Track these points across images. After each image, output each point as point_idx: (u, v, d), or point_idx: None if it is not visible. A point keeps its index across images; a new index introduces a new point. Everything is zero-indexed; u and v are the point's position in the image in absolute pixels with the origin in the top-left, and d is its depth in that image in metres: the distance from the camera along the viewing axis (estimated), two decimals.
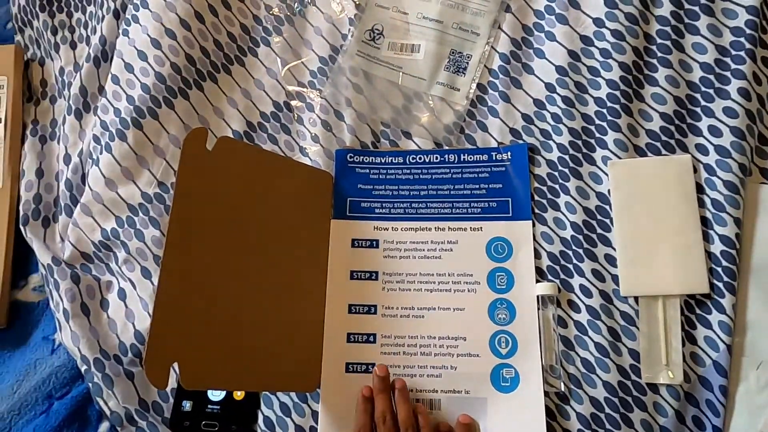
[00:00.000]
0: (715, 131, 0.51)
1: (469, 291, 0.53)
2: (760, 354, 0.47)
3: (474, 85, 0.58)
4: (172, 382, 0.54)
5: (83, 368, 0.53)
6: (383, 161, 0.58)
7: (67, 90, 0.67)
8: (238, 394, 0.53)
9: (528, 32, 0.59)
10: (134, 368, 0.54)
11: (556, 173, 0.55)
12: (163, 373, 0.42)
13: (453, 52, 0.60)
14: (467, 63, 0.59)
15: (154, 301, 0.42)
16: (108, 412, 0.52)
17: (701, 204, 0.51)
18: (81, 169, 0.61)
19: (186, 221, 0.46)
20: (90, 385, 0.53)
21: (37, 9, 0.70)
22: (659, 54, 0.54)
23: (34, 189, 0.62)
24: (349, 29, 0.63)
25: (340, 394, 0.51)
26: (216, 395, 0.53)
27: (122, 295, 0.56)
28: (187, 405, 0.53)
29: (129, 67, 0.60)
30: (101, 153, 0.59)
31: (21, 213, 0.61)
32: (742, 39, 0.52)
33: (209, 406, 0.53)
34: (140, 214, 0.57)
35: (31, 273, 0.60)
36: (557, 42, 0.58)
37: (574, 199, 0.54)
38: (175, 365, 0.42)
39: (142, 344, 0.54)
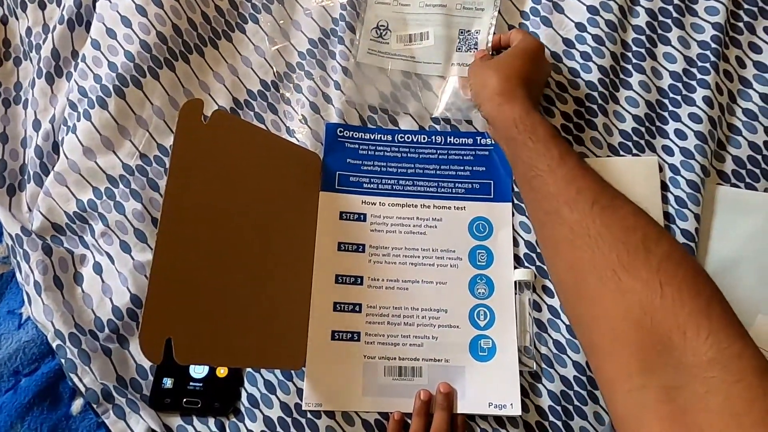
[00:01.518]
0: (680, 134, 0.56)
1: (451, 266, 0.55)
2: None
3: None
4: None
5: (55, 344, 0.51)
6: (372, 137, 0.60)
7: (35, 52, 0.63)
8: (221, 371, 0.53)
9: None
10: (111, 344, 0.52)
11: None
12: (158, 347, 0.41)
13: (462, 32, 0.61)
14: (476, 39, 0.61)
15: (150, 276, 0.41)
16: (83, 389, 0.50)
17: (665, 200, 0.55)
18: (53, 136, 0.58)
19: (181, 195, 0.45)
20: (63, 361, 0.50)
21: None
22: (634, 60, 0.59)
23: None
24: (341, 14, 0.63)
25: (326, 361, 0.52)
26: (198, 372, 0.52)
27: (98, 269, 0.54)
28: (168, 382, 0.52)
29: (111, 33, 0.58)
30: (78, 120, 0.56)
31: None
32: (707, 52, 0.57)
33: (191, 383, 0.52)
34: (120, 186, 0.55)
35: None
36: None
37: None
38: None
39: (120, 320, 0.52)
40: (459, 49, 0.61)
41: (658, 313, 0.32)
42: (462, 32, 0.61)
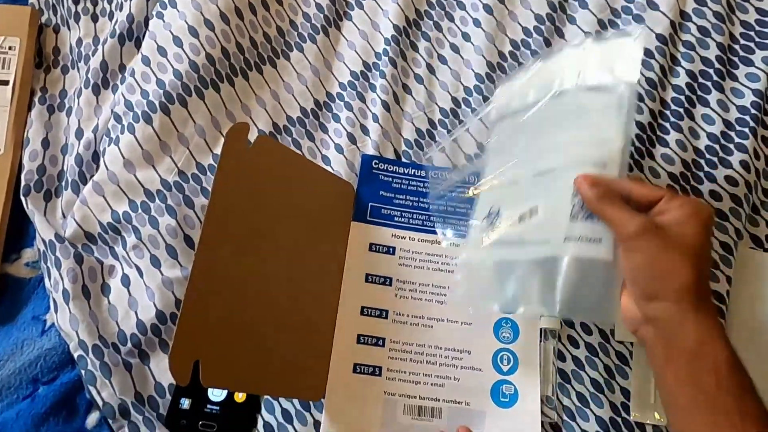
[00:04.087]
0: (715, 195, 0.56)
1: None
2: None
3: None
4: (170, 378, 0.52)
5: (77, 354, 0.50)
6: (406, 172, 0.60)
7: (83, 62, 0.64)
8: (240, 396, 0.52)
9: None
10: (132, 359, 0.52)
11: None
12: (186, 369, 0.40)
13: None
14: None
15: (185, 296, 0.41)
16: (100, 403, 0.49)
17: None
18: (94, 146, 0.59)
19: (221, 217, 0.45)
20: (83, 372, 0.50)
21: None
22: (672, 119, 0.59)
23: (39, 159, 0.59)
24: (384, 49, 0.64)
25: (346, 394, 0.52)
26: (216, 395, 0.52)
27: (126, 281, 0.54)
28: (186, 403, 0.51)
29: (162, 51, 0.59)
30: (122, 133, 0.57)
31: (23, 183, 0.58)
32: (746, 117, 0.58)
33: (209, 406, 0.51)
34: (157, 201, 0.56)
35: (25, 247, 0.57)
36: None
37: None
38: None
39: (144, 335, 0.52)
40: (575, 217, 0.40)
41: None
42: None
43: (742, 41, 0.61)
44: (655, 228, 0.36)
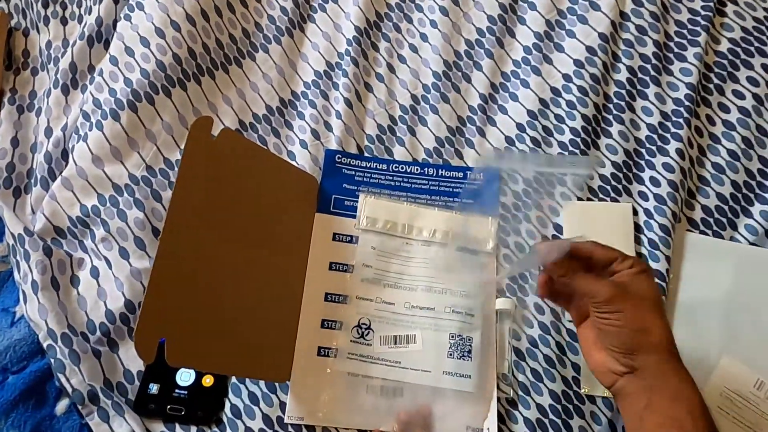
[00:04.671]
0: (654, 182, 0.60)
1: (438, 292, 0.58)
2: None
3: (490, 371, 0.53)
4: (139, 365, 0.54)
5: (46, 343, 0.52)
6: (368, 166, 0.63)
7: (53, 64, 0.66)
8: (207, 381, 0.54)
9: (505, 78, 0.67)
10: (101, 347, 0.53)
11: (520, 203, 0.62)
12: (151, 347, 0.42)
13: (453, 336, 0.55)
14: (470, 345, 0.55)
15: (149, 277, 0.43)
16: (70, 390, 0.50)
17: (639, 242, 0.59)
18: (63, 144, 0.61)
19: (186, 204, 0.47)
20: (52, 360, 0.51)
21: None
22: (615, 112, 0.63)
23: (8, 157, 0.61)
24: (346, 49, 0.67)
25: (311, 375, 0.54)
26: (184, 380, 0.53)
27: (95, 273, 0.56)
28: (154, 388, 0.53)
29: (129, 51, 0.61)
30: (90, 129, 0.59)
31: None
32: (681, 108, 0.62)
33: (176, 391, 0.53)
34: (125, 195, 0.57)
35: None
36: (530, 89, 0.65)
37: (535, 227, 0.60)
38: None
39: (113, 324, 0.54)
40: (451, 355, 0.54)
41: None
42: (453, 336, 0.55)
43: (676, 39, 0.65)
44: (624, 290, 0.41)
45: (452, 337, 0.55)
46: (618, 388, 0.42)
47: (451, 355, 0.54)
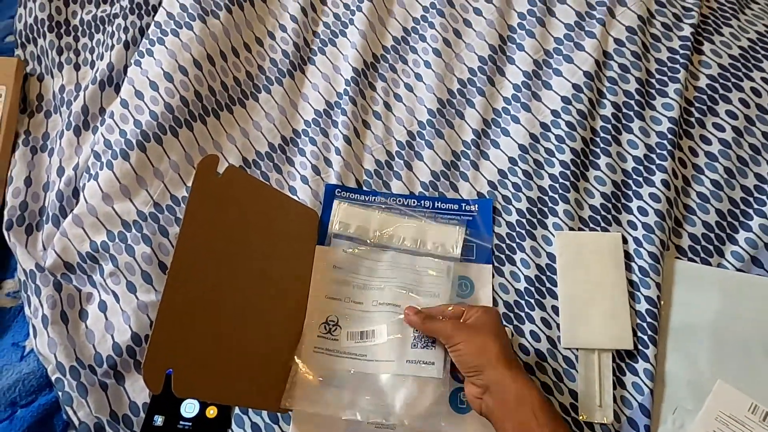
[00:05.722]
0: (642, 211, 0.63)
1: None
2: (676, 401, 0.56)
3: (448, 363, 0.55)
4: (144, 397, 0.55)
5: (55, 376, 0.53)
6: (367, 199, 0.65)
7: (65, 107, 0.70)
8: (211, 412, 0.55)
9: (496, 114, 0.70)
10: (108, 380, 0.54)
11: (514, 233, 0.64)
12: (159, 378, 0.44)
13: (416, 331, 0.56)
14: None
15: (158, 309, 0.45)
16: (77, 422, 0.52)
17: (630, 269, 0.61)
18: (74, 182, 0.63)
19: (193, 239, 0.50)
20: (60, 393, 0.53)
21: (45, 29, 0.74)
22: (602, 145, 0.66)
23: (21, 196, 0.63)
24: (345, 89, 0.71)
25: (313, 405, 0.54)
26: (189, 411, 0.54)
27: (103, 307, 0.58)
28: (159, 420, 0.53)
29: (139, 94, 0.65)
30: (101, 169, 0.62)
31: (6, 218, 0.61)
32: (665, 141, 0.65)
33: (181, 422, 0.54)
34: (133, 231, 0.60)
35: (6, 278, 0.60)
36: (521, 124, 0.68)
37: (529, 257, 0.62)
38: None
39: (119, 356, 0.55)
40: (414, 346, 0.56)
41: None
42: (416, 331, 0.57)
43: (657, 76, 0.69)
44: (462, 325, 0.52)
45: (417, 330, 0.56)
46: (485, 410, 0.49)
47: (414, 345, 0.56)
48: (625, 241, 0.62)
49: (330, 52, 0.74)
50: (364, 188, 0.67)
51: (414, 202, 0.66)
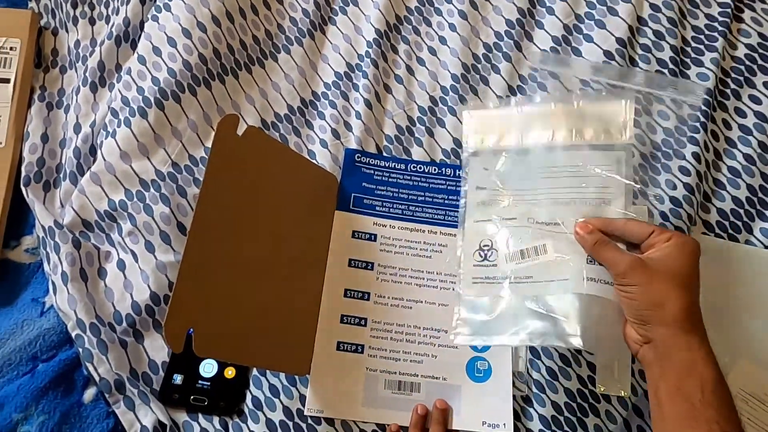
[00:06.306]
0: (670, 185, 0.61)
1: (453, 290, 0.59)
2: None
3: None
4: (163, 356, 0.55)
5: (75, 333, 0.53)
6: (387, 165, 0.64)
7: (81, 63, 0.68)
8: (229, 372, 0.55)
9: (522, 81, 0.68)
10: (127, 338, 0.55)
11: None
12: (180, 337, 0.44)
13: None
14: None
15: (179, 269, 0.44)
16: (97, 378, 0.52)
17: None
18: (91, 140, 0.62)
19: (212, 200, 0.49)
20: (80, 350, 0.53)
21: None
22: None
23: (38, 152, 0.62)
24: (366, 51, 0.69)
25: (330, 369, 0.55)
26: (207, 371, 0.55)
27: (122, 265, 0.57)
28: (178, 378, 0.54)
29: (157, 51, 0.63)
30: (119, 126, 0.60)
31: (23, 174, 0.61)
32: (698, 113, 0.63)
33: (200, 382, 0.54)
34: (151, 190, 0.59)
35: (24, 234, 0.60)
36: (547, 92, 0.66)
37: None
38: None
39: (138, 315, 0.55)
40: (591, 261, 0.45)
41: None
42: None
43: (693, 44, 0.66)
44: (642, 264, 0.42)
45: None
46: (640, 356, 0.43)
47: (591, 261, 0.45)
48: (650, 214, 0.61)
49: (351, 11, 0.72)
50: (385, 154, 0.65)
51: (435, 170, 0.64)
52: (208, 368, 0.55)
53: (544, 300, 0.45)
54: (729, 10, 0.66)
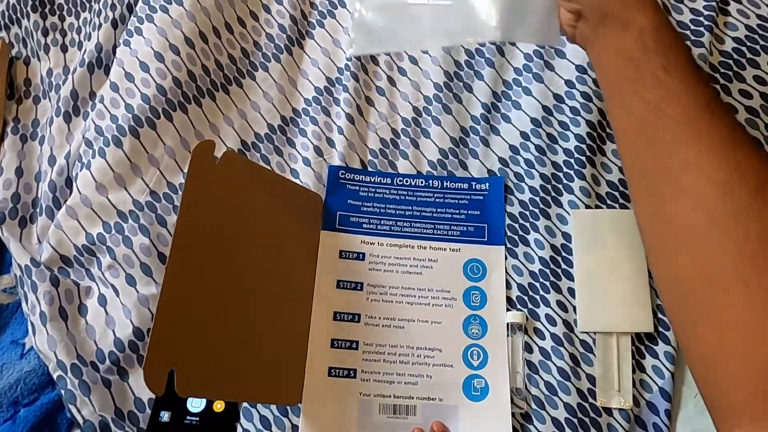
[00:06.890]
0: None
1: (446, 306, 0.57)
2: None
3: None
4: (149, 393, 0.54)
5: (56, 374, 0.52)
6: (372, 180, 0.63)
7: (54, 92, 0.66)
8: (218, 406, 0.53)
9: (507, 86, 0.66)
10: (111, 376, 0.53)
11: (527, 212, 0.61)
12: (161, 379, 0.42)
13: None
14: None
15: (157, 307, 0.43)
16: (81, 421, 0.50)
17: None
18: (66, 172, 0.61)
19: (191, 230, 0.47)
20: (63, 392, 0.51)
21: (29, 9, 0.70)
22: None
23: (13, 188, 0.61)
24: (346, 64, 0.67)
25: (322, 397, 0.54)
26: (195, 406, 0.53)
27: (103, 301, 0.56)
28: (165, 416, 0.52)
29: (129, 77, 0.61)
30: (93, 157, 0.59)
31: None
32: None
33: (188, 417, 0.52)
34: (130, 221, 0.57)
35: (2, 274, 0.58)
36: (533, 96, 0.65)
37: (543, 237, 0.60)
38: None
39: (122, 352, 0.54)
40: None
41: None
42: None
43: None
44: None
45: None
46: (579, 39, 0.40)
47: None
48: None
49: (329, 24, 0.70)
50: (369, 169, 0.64)
51: (421, 182, 0.63)
52: (196, 403, 0.53)
53: None
54: (714, 4, 0.64)
